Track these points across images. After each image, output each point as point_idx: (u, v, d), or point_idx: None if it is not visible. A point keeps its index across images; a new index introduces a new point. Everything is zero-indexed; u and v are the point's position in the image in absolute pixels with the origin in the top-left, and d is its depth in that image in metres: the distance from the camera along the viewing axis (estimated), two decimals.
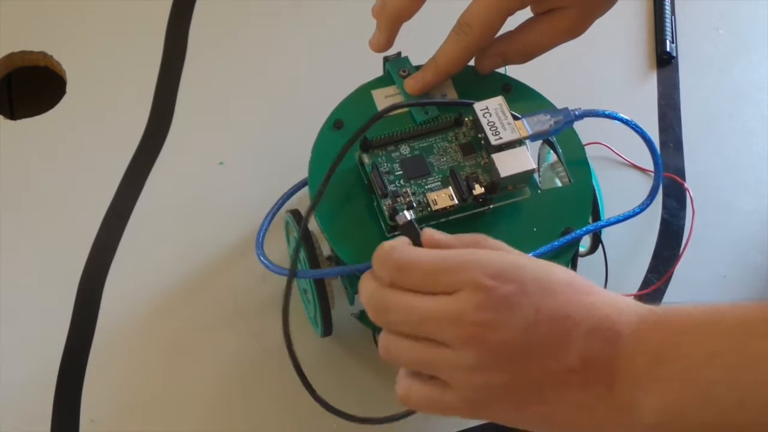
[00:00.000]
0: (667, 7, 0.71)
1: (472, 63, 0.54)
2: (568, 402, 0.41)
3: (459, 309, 0.41)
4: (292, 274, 0.50)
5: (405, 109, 0.53)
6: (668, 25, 0.71)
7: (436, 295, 0.42)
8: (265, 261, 0.53)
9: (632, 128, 0.56)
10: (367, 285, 0.45)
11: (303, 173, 0.53)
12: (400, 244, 0.45)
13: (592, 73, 0.70)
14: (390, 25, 0.53)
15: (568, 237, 0.51)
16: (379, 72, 0.56)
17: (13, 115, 0.68)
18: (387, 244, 0.45)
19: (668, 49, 0.70)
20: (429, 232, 0.46)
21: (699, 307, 0.41)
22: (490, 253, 0.43)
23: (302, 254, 0.53)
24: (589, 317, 0.41)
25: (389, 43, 0.53)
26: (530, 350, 0.41)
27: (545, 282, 0.41)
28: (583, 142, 0.54)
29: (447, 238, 0.45)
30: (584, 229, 0.52)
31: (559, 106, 0.53)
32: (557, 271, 0.43)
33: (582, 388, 0.41)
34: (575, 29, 0.54)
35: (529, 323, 0.41)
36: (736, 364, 0.38)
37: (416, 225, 0.48)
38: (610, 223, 0.54)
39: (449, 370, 0.42)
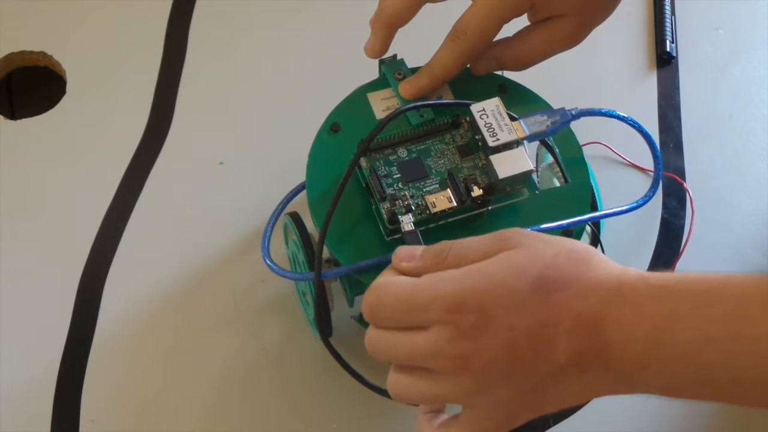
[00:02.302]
0: (667, 7, 0.71)
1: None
2: (574, 388, 0.42)
3: (435, 345, 0.42)
4: (319, 276, 0.50)
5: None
6: (668, 25, 0.71)
7: (412, 330, 0.43)
8: (275, 268, 0.53)
9: (629, 124, 0.55)
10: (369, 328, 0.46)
11: (302, 173, 0.53)
12: (376, 284, 0.44)
13: (592, 73, 0.70)
14: (384, 30, 0.53)
15: (571, 221, 0.51)
16: (376, 74, 0.56)
17: (13, 115, 0.68)
18: (372, 284, 0.45)
19: (668, 49, 0.70)
20: (395, 260, 0.45)
21: (692, 282, 0.41)
22: (449, 281, 0.42)
23: (302, 258, 0.53)
24: (565, 317, 0.41)
25: (383, 49, 0.53)
26: (518, 363, 0.41)
27: (508, 299, 0.41)
28: (583, 142, 0.54)
29: (415, 266, 0.45)
30: (588, 216, 0.51)
31: (558, 106, 0.53)
32: (519, 278, 0.42)
33: (581, 375, 0.41)
34: (573, 38, 0.53)
35: (506, 341, 0.41)
36: (733, 348, 0.39)
37: (419, 235, 0.48)
38: (613, 214, 0.54)
39: (459, 398, 0.43)
